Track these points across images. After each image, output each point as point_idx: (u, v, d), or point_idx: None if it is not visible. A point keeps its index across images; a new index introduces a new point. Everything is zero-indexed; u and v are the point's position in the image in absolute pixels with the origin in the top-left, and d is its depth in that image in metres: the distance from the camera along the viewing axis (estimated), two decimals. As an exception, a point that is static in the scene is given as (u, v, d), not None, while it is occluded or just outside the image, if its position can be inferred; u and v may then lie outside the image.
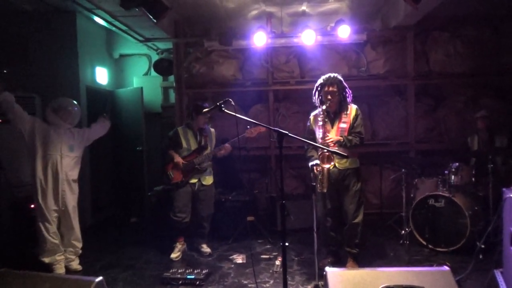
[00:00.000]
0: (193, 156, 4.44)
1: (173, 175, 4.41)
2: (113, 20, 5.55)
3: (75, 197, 4.11)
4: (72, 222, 4.06)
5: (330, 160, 3.52)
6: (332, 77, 3.72)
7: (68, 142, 4.02)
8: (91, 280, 2.34)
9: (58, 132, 3.97)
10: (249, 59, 6.20)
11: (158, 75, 6.88)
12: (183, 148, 4.45)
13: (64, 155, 3.98)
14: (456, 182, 4.52)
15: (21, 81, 5.41)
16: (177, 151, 4.45)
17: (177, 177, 4.40)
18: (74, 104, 4.15)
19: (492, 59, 5.86)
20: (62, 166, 3.95)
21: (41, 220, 3.90)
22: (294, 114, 6.15)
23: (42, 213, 3.89)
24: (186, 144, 4.46)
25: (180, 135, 4.48)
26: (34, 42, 5.57)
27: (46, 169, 3.91)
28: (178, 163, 4.38)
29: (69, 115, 4.04)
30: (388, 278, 2.38)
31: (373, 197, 5.98)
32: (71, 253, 4.09)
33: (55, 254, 3.93)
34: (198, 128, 4.50)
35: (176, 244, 4.53)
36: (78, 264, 4.14)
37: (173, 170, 4.42)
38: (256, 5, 5.61)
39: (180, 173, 4.40)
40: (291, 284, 3.66)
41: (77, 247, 4.12)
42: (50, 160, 3.91)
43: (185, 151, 4.46)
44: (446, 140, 5.95)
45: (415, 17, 5.29)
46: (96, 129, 4.38)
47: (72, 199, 4.07)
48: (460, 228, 4.25)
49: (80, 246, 4.15)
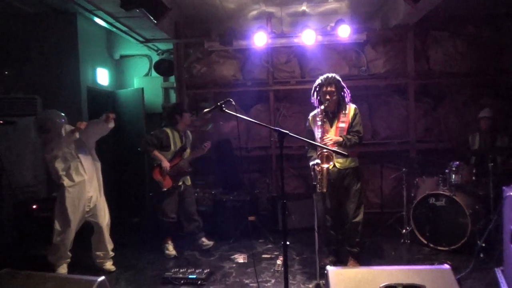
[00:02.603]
0: (177, 159, 4.42)
1: (163, 182, 4.35)
2: (114, 21, 5.55)
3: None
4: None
5: (329, 160, 3.53)
6: (330, 77, 3.73)
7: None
8: (94, 280, 2.35)
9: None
10: (250, 59, 6.21)
11: (158, 76, 6.88)
12: (170, 151, 4.42)
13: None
14: (456, 181, 4.53)
15: (22, 82, 5.42)
16: (162, 154, 4.37)
17: (167, 184, 4.36)
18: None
19: (492, 58, 5.86)
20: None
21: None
22: (294, 114, 6.16)
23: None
24: (173, 146, 4.44)
25: (170, 137, 4.42)
26: (35, 43, 5.58)
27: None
28: (165, 168, 4.31)
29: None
30: (389, 277, 2.38)
31: (374, 196, 6.00)
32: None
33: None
34: (184, 128, 4.53)
35: (168, 242, 4.55)
36: (111, 264, 4.12)
37: (161, 176, 4.35)
38: (256, 5, 5.62)
39: (169, 179, 4.36)
40: (292, 283, 3.66)
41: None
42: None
43: (170, 154, 4.41)
44: (447, 139, 5.96)
45: (415, 17, 5.30)
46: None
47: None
48: (460, 227, 4.25)
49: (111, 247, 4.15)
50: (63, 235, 3.76)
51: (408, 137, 6.01)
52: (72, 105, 5.44)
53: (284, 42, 5.73)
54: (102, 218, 4.00)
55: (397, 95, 6.19)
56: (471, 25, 5.90)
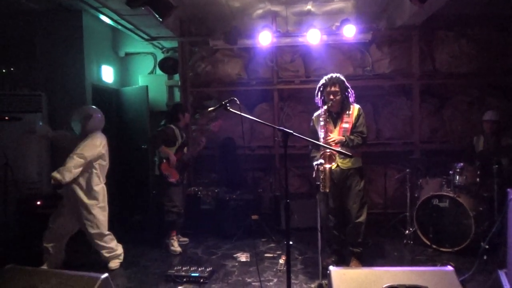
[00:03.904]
0: (180, 153, 4.59)
1: (171, 174, 4.51)
2: (119, 18, 5.57)
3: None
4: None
5: (332, 160, 3.52)
6: (335, 77, 3.72)
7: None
8: (97, 277, 2.36)
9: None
10: (254, 58, 6.21)
11: (163, 74, 6.90)
12: (175, 146, 4.58)
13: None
14: (460, 183, 4.51)
15: (27, 79, 5.45)
16: (169, 149, 4.55)
17: (175, 176, 4.52)
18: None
19: (498, 59, 5.82)
20: None
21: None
22: (299, 113, 6.15)
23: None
24: (177, 142, 4.60)
25: (176, 133, 4.59)
26: (41, 40, 5.61)
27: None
28: (173, 162, 4.48)
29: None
30: (391, 278, 2.38)
31: (378, 196, 5.98)
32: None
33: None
34: (185, 126, 4.80)
35: (174, 238, 4.61)
36: (116, 263, 4.15)
37: (169, 170, 4.50)
38: (261, 4, 5.61)
39: (175, 172, 4.53)
40: (295, 282, 3.67)
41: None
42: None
43: (174, 150, 4.58)
44: (451, 140, 5.93)
45: (420, 17, 5.27)
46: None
47: None
48: (464, 228, 4.24)
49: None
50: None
51: (413, 138, 5.99)
52: (77, 102, 5.45)
53: (289, 41, 5.72)
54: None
55: (402, 96, 6.16)
56: (477, 26, 5.86)
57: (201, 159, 5.84)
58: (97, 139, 3.90)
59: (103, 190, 4.03)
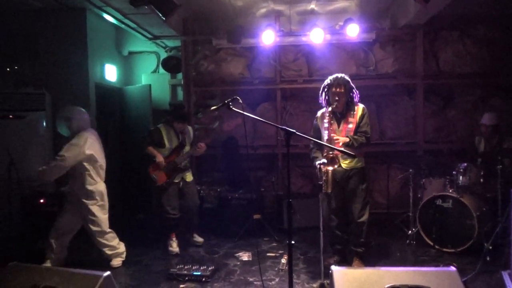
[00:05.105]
0: (173, 155, 4.48)
1: (157, 177, 4.41)
2: (123, 17, 5.58)
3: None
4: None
5: (334, 162, 3.50)
6: (340, 78, 3.67)
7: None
8: (99, 275, 2.37)
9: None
10: (257, 57, 6.20)
11: (166, 73, 6.91)
12: (166, 148, 4.48)
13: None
14: (464, 183, 4.49)
15: (31, 78, 5.47)
16: (158, 150, 4.45)
17: (162, 179, 4.42)
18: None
19: (502, 59, 5.79)
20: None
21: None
22: (301, 112, 6.14)
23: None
24: (168, 144, 4.50)
25: (163, 134, 4.48)
26: (44, 39, 5.62)
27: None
28: (160, 164, 4.38)
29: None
30: (394, 278, 2.37)
31: (380, 196, 5.97)
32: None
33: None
34: (179, 128, 4.56)
35: (173, 239, 4.59)
36: (118, 261, 4.17)
37: (156, 172, 4.41)
38: (264, 3, 5.61)
39: (163, 174, 4.42)
40: (297, 282, 3.66)
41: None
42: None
43: (166, 151, 4.48)
44: (455, 140, 5.91)
45: (424, 16, 5.25)
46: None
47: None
48: (467, 229, 4.22)
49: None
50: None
51: (416, 138, 5.97)
52: (80, 101, 5.46)
53: (292, 40, 5.71)
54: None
55: (405, 95, 6.14)
56: (481, 25, 5.83)
57: (204, 158, 5.83)
58: (81, 139, 3.85)
59: (100, 189, 4.00)
